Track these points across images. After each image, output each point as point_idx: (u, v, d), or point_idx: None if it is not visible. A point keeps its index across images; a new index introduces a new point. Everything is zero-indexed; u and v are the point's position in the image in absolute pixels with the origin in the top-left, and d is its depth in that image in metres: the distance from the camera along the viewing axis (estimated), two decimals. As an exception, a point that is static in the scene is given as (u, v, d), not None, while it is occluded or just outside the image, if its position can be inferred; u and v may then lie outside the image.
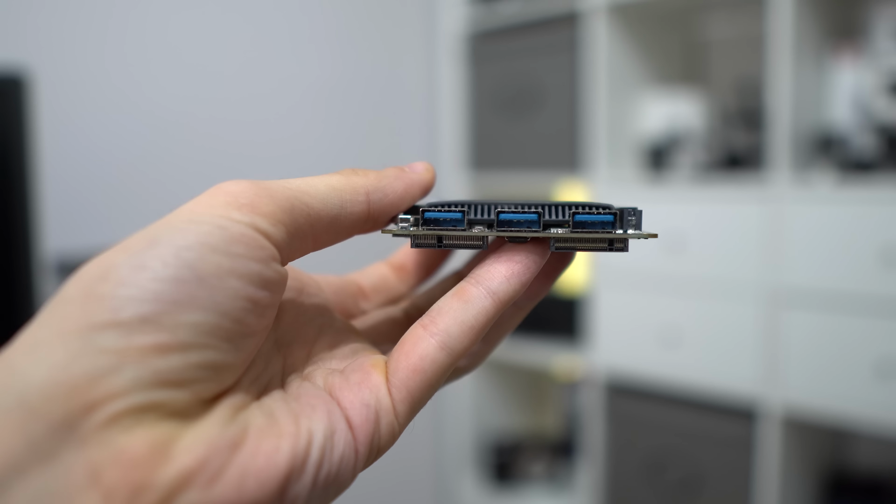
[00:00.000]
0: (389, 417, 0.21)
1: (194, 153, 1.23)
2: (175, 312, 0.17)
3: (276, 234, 0.20)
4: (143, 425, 0.16)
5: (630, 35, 1.31)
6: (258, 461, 0.17)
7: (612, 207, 0.22)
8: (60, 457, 0.15)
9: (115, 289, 0.17)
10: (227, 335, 0.18)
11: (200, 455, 0.16)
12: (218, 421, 0.18)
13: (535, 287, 0.25)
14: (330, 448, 0.19)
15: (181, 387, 0.17)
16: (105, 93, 1.13)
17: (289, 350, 0.23)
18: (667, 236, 1.20)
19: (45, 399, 0.15)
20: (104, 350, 0.16)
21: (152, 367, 0.16)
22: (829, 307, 1.04)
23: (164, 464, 0.16)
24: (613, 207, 0.22)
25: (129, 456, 0.15)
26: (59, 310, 0.17)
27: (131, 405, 0.16)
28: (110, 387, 0.16)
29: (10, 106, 0.77)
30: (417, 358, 0.21)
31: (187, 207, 0.19)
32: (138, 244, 0.18)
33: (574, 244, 0.22)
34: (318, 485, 0.19)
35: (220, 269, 0.18)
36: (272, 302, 0.20)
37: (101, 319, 0.16)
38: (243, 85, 1.30)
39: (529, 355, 1.45)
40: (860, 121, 1.09)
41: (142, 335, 0.16)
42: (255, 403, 0.19)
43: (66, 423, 0.15)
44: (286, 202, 0.20)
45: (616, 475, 1.32)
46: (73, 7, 1.09)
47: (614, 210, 0.22)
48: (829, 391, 1.05)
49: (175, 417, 0.17)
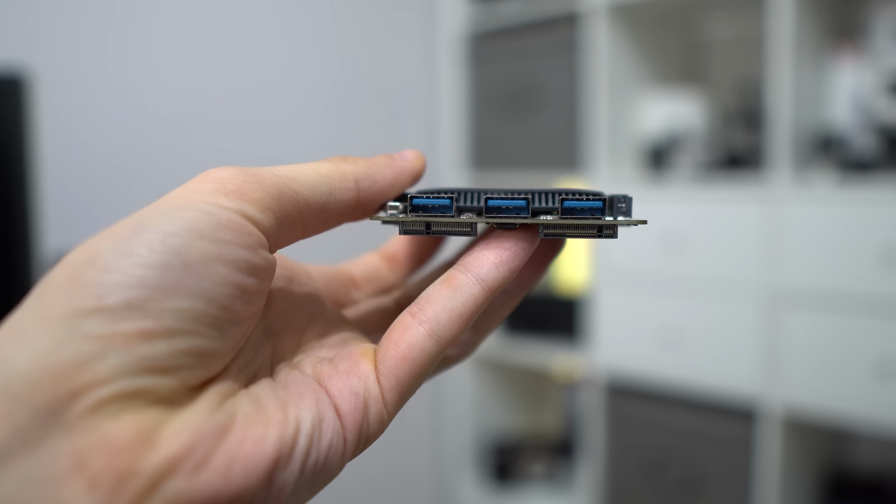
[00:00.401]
0: (378, 406, 0.20)
1: (194, 152, 1.23)
2: (161, 298, 0.17)
3: (265, 220, 0.20)
4: (128, 412, 0.16)
5: (630, 35, 1.31)
6: (245, 448, 0.17)
7: (602, 194, 0.22)
8: (45, 443, 0.15)
9: (101, 275, 0.16)
10: (213, 322, 0.18)
11: (186, 441, 0.16)
12: (205, 408, 0.17)
13: (525, 275, 0.25)
14: (318, 436, 0.19)
15: (167, 373, 0.17)
16: (105, 92, 1.13)
17: (278, 338, 0.23)
18: (667, 236, 1.20)
19: (30, 385, 0.15)
20: (89, 336, 0.16)
21: (138, 354, 0.16)
22: (830, 307, 1.04)
23: (150, 450, 0.16)
24: (603, 194, 0.22)
25: (115, 442, 0.15)
26: (45, 296, 0.16)
27: (117, 391, 0.16)
28: (96, 373, 0.16)
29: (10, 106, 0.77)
30: (406, 346, 0.21)
31: (175, 194, 0.19)
32: (124, 230, 0.17)
33: (563, 231, 0.22)
34: (305, 473, 0.18)
35: (206, 255, 0.18)
36: (260, 289, 0.20)
37: (86, 305, 0.16)
38: (243, 85, 1.30)
39: (530, 355, 1.45)
40: (860, 121, 1.09)
41: (127, 321, 0.16)
42: (242, 391, 0.19)
43: (51, 409, 0.15)
44: (274, 189, 0.20)
45: (616, 475, 1.32)
46: (74, 7, 1.09)
47: (603, 197, 0.22)
48: (830, 391, 1.05)
49: (161, 404, 0.17)
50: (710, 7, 1.36)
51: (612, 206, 0.23)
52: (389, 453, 1.49)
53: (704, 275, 1.17)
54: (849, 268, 1.02)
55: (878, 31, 1.08)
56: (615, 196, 0.23)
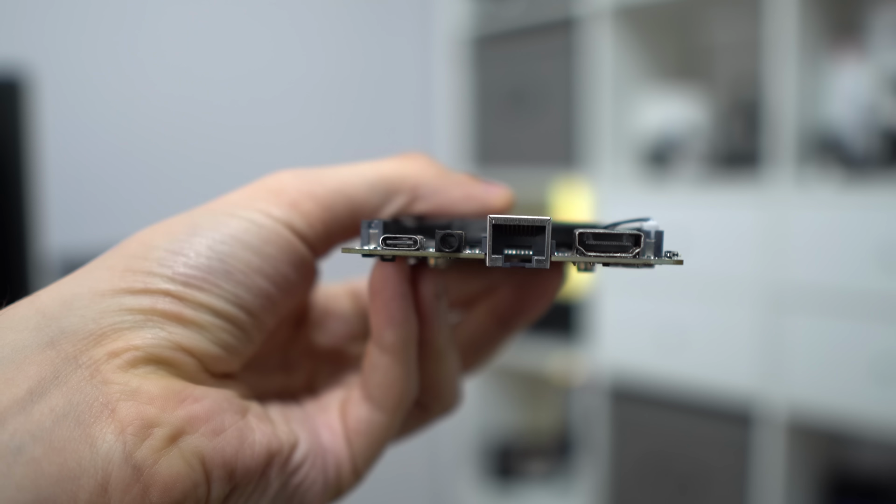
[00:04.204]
0: (346, 468, 0.21)
1: (194, 152, 1.23)
2: (199, 297, 0.19)
3: (312, 234, 0.21)
4: (157, 375, 0.18)
5: (632, 37, 1.31)
6: (256, 434, 0.19)
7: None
8: (82, 390, 0.16)
9: (151, 266, 0.18)
10: (241, 325, 0.19)
11: (208, 407, 0.18)
12: (224, 393, 0.19)
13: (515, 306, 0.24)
14: (310, 462, 0.20)
15: (193, 356, 0.19)
16: (106, 92, 1.13)
17: (299, 366, 0.24)
18: (668, 237, 1.20)
19: (74, 343, 0.17)
20: (132, 310, 0.18)
21: (170, 331, 0.18)
22: (832, 308, 1.04)
23: (176, 407, 0.17)
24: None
25: (145, 396, 0.17)
26: (97, 274, 0.18)
27: (149, 356, 0.18)
28: (133, 339, 0.17)
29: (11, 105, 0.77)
30: (354, 422, 0.21)
31: (231, 199, 0.20)
32: (179, 230, 0.19)
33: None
34: (287, 487, 0.20)
35: (249, 266, 0.19)
36: (290, 303, 0.21)
37: (134, 287, 0.18)
38: (243, 87, 1.30)
39: (531, 356, 1.45)
40: (860, 121, 1.09)
41: (167, 304, 0.18)
42: (256, 401, 0.21)
43: (91, 365, 0.17)
44: (328, 197, 0.21)
45: (617, 476, 1.32)
46: (75, 7, 1.09)
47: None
48: (832, 394, 1.05)
49: (186, 378, 0.18)
50: (712, 7, 1.36)
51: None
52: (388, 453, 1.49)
53: (705, 275, 1.17)
54: (850, 268, 1.02)
55: (878, 31, 1.08)
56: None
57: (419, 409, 0.23)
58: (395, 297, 0.20)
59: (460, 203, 0.23)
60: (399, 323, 0.20)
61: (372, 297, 0.20)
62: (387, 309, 0.20)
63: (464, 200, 0.23)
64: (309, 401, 0.23)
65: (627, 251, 0.17)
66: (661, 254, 0.18)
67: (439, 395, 0.23)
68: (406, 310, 0.20)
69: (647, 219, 0.19)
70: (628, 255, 0.17)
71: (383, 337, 0.20)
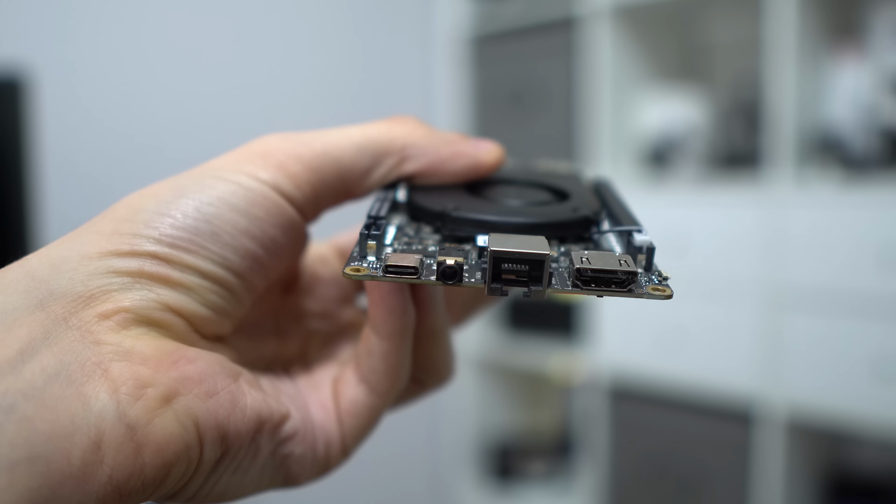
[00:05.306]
0: (336, 446, 0.21)
1: (194, 151, 1.23)
2: (186, 258, 0.18)
3: (300, 196, 0.20)
4: (150, 336, 0.18)
5: (632, 36, 1.31)
6: (247, 398, 0.19)
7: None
8: (74, 350, 0.16)
9: (138, 228, 0.18)
10: (230, 286, 0.19)
11: (201, 369, 0.18)
12: (216, 356, 0.19)
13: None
14: (300, 436, 0.20)
15: (182, 317, 0.18)
16: (107, 92, 1.13)
17: (290, 336, 0.24)
18: (668, 237, 1.20)
19: (64, 305, 0.17)
20: (120, 271, 0.18)
21: (158, 292, 0.18)
22: (832, 308, 1.04)
23: (169, 368, 0.17)
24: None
25: (138, 356, 0.17)
26: (85, 237, 0.18)
27: (140, 317, 0.18)
28: (122, 300, 0.17)
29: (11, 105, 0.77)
30: (348, 403, 0.21)
31: (218, 162, 0.20)
32: (166, 192, 0.19)
33: None
34: (276, 455, 0.20)
35: (236, 228, 0.19)
36: (279, 266, 0.21)
37: (121, 249, 0.18)
38: (243, 87, 1.30)
39: (531, 355, 1.45)
40: (860, 121, 1.09)
41: (154, 266, 0.18)
42: (247, 370, 0.20)
43: (82, 326, 0.17)
44: (315, 160, 0.21)
45: (617, 476, 1.32)
46: (75, 7, 1.09)
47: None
48: (832, 393, 1.05)
49: (178, 340, 0.18)
50: (711, 7, 1.36)
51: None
52: (388, 452, 1.49)
53: (706, 275, 1.17)
54: (850, 268, 1.02)
55: (878, 31, 1.08)
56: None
57: (414, 383, 0.23)
58: (393, 289, 0.20)
59: (450, 161, 0.23)
60: (398, 313, 0.20)
61: (370, 290, 0.20)
62: (385, 301, 0.20)
63: (454, 158, 0.23)
64: (301, 376, 0.23)
65: (623, 286, 0.18)
66: (652, 268, 0.19)
67: (434, 370, 0.23)
68: (404, 301, 0.20)
69: (639, 228, 0.20)
70: (623, 289, 0.18)
71: (382, 326, 0.20)
